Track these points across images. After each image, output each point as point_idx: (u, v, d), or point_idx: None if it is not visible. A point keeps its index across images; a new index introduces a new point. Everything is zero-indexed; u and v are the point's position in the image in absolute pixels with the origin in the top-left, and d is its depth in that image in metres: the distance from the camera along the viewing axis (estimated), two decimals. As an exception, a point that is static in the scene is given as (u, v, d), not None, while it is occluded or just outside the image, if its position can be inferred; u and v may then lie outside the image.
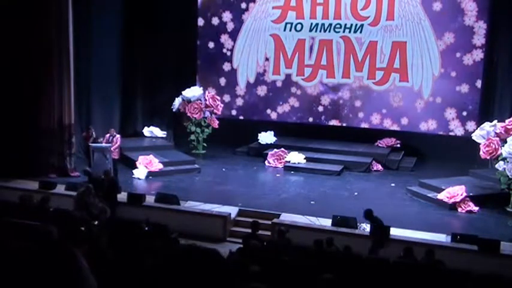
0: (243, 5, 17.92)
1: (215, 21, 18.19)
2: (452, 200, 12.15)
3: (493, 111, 15.19)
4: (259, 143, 17.05)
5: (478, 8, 15.68)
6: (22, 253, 2.64)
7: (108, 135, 13.73)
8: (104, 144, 13.52)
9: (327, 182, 14.27)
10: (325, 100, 17.55)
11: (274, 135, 17.11)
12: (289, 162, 15.61)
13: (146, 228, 8.45)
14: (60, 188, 12.21)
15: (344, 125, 17.51)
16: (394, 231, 10.13)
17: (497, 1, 15.50)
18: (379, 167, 15.71)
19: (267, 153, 16.13)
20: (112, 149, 13.40)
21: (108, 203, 10.32)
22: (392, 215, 11.64)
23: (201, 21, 18.35)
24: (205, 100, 16.94)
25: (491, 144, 12.60)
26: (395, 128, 16.94)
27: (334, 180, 14.54)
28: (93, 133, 13.92)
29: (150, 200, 11.72)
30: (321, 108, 17.64)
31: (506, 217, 11.83)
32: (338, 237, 9.16)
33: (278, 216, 11.11)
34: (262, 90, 18.12)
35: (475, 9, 15.70)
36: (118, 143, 13.71)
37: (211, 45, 18.36)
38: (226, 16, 18.08)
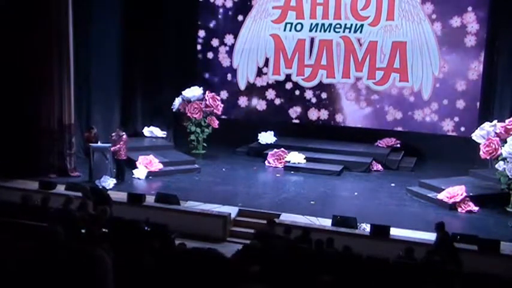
0: (240, 17, 17.97)
1: (215, 42, 18.31)
2: (452, 200, 12.16)
3: (493, 111, 15.19)
4: (259, 143, 17.05)
5: (479, 26, 15.75)
6: (31, 253, 2.64)
7: (114, 134, 13.69)
8: (104, 144, 13.52)
9: (327, 182, 14.27)
10: (325, 100, 17.57)
11: (274, 135, 17.11)
12: (289, 162, 15.61)
13: (146, 228, 8.45)
14: (60, 188, 12.21)
15: (344, 124, 17.52)
16: (394, 231, 10.15)
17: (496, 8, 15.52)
18: (379, 167, 15.71)
19: (267, 153, 16.13)
20: (118, 148, 13.33)
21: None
22: (392, 215, 11.69)
23: (201, 33, 18.44)
24: (205, 100, 16.93)
25: (491, 144, 12.60)
26: (395, 129, 16.99)
27: (334, 180, 14.55)
28: (96, 133, 13.90)
29: (150, 200, 11.72)
30: (320, 108, 17.65)
31: (506, 217, 11.83)
32: (338, 237, 9.16)
33: (278, 216, 11.11)
34: (261, 106, 18.20)
35: (475, 22, 15.77)
36: (125, 142, 13.56)
37: (210, 55, 18.41)
38: (229, 39, 18.17)
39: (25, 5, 13.24)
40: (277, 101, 18.04)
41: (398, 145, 16.71)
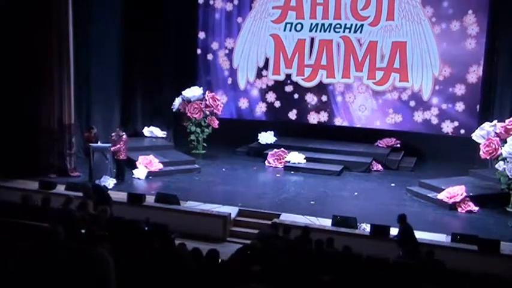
0: (239, 19, 17.97)
1: (215, 44, 18.29)
2: (452, 200, 12.16)
3: (493, 112, 15.18)
4: (259, 143, 17.05)
5: (479, 29, 15.70)
6: (31, 253, 2.64)
7: (114, 134, 13.68)
8: (104, 144, 13.51)
9: (327, 182, 14.27)
10: (325, 101, 17.56)
11: (274, 135, 17.11)
12: (289, 162, 15.61)
13: (146, 228, 8.45)
14: (60, 188, 12.21)
15: (344, 124, 17.51)
16: (394, 231, 10.14)
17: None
18: (379, 167, 15.71)
19: (267, 153, 16.13)
20: (118, 148, 13.30)
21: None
22: (392, 215, 11.65)
23: (201, 34, 18.41)
24: (205, 100, 16.93)
25: (491, 144, 12.60)
26: (395, 129, 16.98)
27: (334, 180, 14.54)
28: (96, 133, 13.89)
29: (150, 200, 11.73)
30: (320, 109, 17.65)
31: (506, 217, 11.83)
32: (338, 237, 9.16)
33: (278, 216, 11.12)
34: (261, 108, 18.15)
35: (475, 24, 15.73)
36: (124, 142, 13.54)
37: (210, 57, 18.41)
38: (228, 40, 18.16)
39: (25, 5, 13.24)
40: (277, 104, 18.00)
41: (398, 145, 16.71)
